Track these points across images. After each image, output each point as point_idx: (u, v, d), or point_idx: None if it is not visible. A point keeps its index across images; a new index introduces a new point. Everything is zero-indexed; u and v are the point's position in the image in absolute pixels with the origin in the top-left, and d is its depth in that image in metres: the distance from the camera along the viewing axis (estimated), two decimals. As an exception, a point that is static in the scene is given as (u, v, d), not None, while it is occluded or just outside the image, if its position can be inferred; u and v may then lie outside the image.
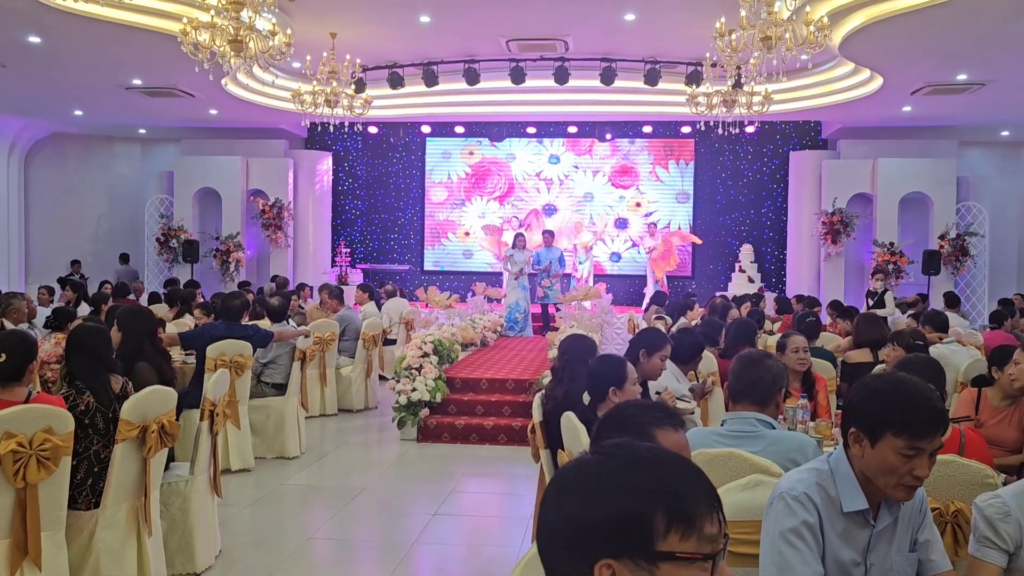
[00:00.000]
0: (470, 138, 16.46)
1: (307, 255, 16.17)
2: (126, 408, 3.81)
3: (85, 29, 9.35)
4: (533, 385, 8.06)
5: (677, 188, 16.26)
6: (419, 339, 8.53)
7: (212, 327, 6.48)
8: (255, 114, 14.37)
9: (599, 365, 3.50)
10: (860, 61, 10.84)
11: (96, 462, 3.92)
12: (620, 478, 1.05)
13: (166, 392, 4.03)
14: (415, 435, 7.81)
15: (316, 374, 8.51)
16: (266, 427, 7.03)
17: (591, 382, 3.44)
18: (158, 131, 16.52)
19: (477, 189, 16.68)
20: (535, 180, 16.54)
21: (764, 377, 2.90)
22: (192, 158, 15.89)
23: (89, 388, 3.94)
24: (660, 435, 1.66)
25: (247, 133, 15.99)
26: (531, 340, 12.16)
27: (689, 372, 4.79)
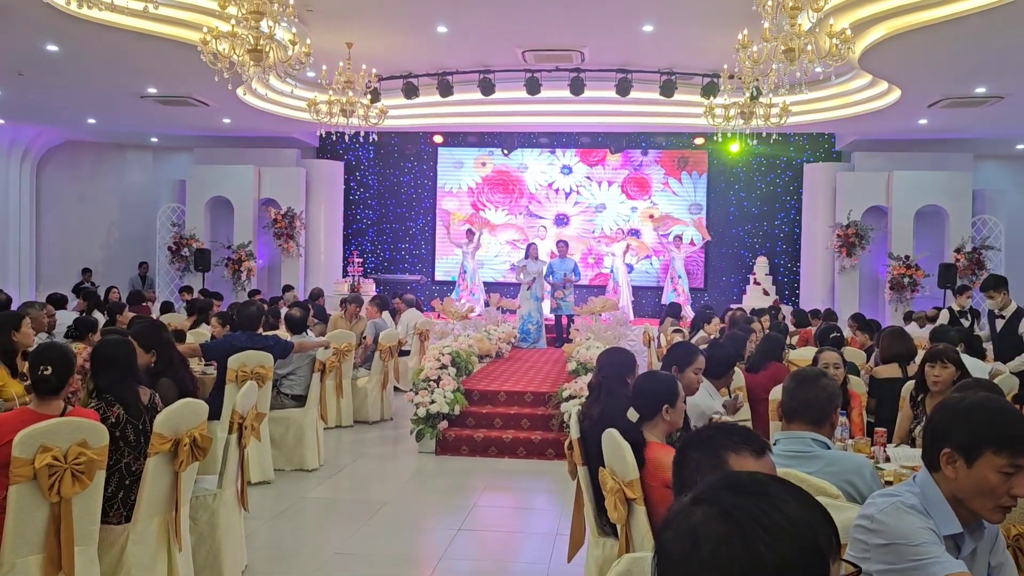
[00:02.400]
0: (482, 148, 16.46)
1: (318, 265, 16.15)
2: (159, 421, 3.78)
3: (103, 37, 9.36)
4: (552, 398, 8.01)
5: (690, 200, 16.24)
6: (436, 350, 8.49)
7: (233, 338, 6.45)
8: (268, 123, 14.39)
9: (648, 382, 3.46)
10: (879, 74, 10.82)
11: (127, 475, 3.89)
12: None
13: (198, 405, 4.00)
14: (433, 447, 7.77)
15: (332, 385, 8.47)
16: (285, 439, 6.99)
17: (639, 399, 3.41)
18: (171, 139, 16.55)
19: (489, 199, 16.65)
20: (547, 190, 16.51)
21: (820, 396, 2.86)
22: (204, 167, 15.90)
23: (119, 401, 3.91)
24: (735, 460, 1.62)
25: (259, 142, 16.01)
26: (545, 352, 12.12)
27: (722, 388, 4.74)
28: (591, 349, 8.79)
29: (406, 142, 16.55)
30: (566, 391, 7.80)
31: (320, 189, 16.16)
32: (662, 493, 3.15)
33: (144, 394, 4.04)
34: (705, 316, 9.19)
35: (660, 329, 10.93)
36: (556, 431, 7.72)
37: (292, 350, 6.83)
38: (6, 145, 15.68)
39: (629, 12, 9.82)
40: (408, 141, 16.53)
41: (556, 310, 13.03)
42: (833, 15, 8.84)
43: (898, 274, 13.92)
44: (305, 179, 15.94)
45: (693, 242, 15.74)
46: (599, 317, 10.73)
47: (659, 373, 3.55)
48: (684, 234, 15.92)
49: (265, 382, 6.18)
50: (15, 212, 15.90)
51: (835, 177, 14.93)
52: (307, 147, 16.67)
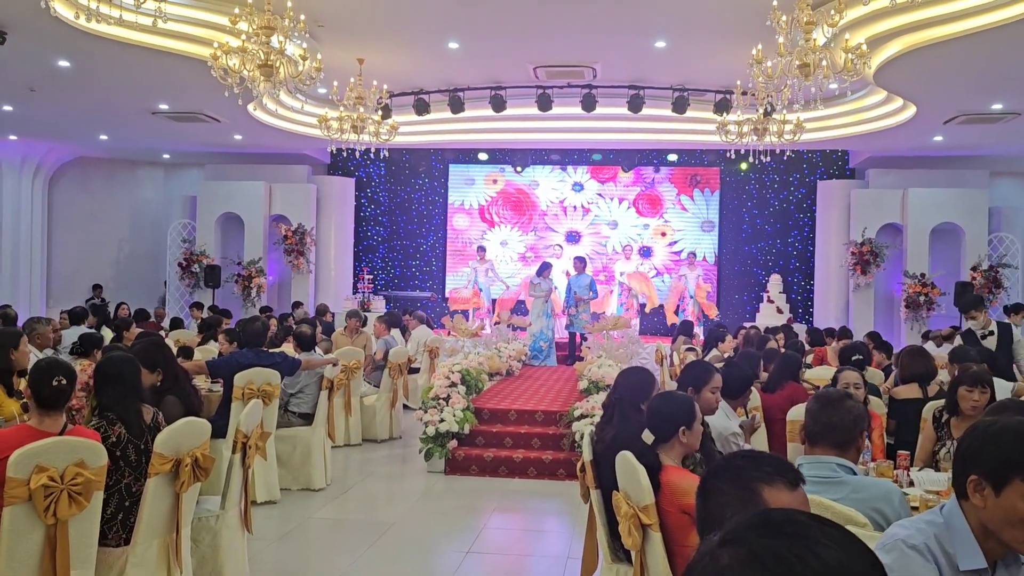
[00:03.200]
0: (493, 165, 16.41)
1: (328, 281, 16.10)
2: (159, 441, 3.68)
3: (115, 53, 9.36)
4: (563, 417, 7.89)
5: (702, 217, 16.13)
6: (446, 368, 8.39)
7: (240, 355, 6.37)
8: (279, 139, 14.38)
9: (663, 404, 3.35)
10: (895, 90, 10.71)
11: (127, 496, 3.79)
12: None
13: (200, 424, 3.90)
14: (443, 467, 7.65)
15: (340, 403, 8.36)
16: (292, 458, 6.88)
17: (654, 421, 3.30)
18: (182, 156, 16.58)
19: (500, 216, 16.58)
20: (558, 207, 16.42)
21: (844, 419, 2.74)
22: (215, 183, 15.91)
23: (121, 419, 3.82)
24: (768, 493, 1.50)
25: (270, 159, 16.01)
26: (556, 370, 11.99)
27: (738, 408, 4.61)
28: (603, 367, 8.67)
29: (417, 159, 16.53)
30: (578, 410, 7.68)
31: (331, 206, 16.13)
32: (679, 519, 3.03)
33: (147, 413, 3.96)
34: (719, 335, 9.06)
35: (672, 347, 10.79)
36: (567, 451, 7.59)
37: (300, 367, 6.73)
38: (18, 161, 15.73)
39: (642, 28, 9.76)
40: (419, 158, 16.51)
41: (569, 327, 12.92)
42: (848, 30, 8.75)
43: (914, 292, 13.75)
44: (316, 195, 15.92)
45: (706, 259, 15.59)
46: (610, 335, 10.59)
47: (676, 394, 3.43)
48: (697, 250, 15.80)
49: (272, 400, 6.09)
50: (26, 228, 15.92)
51: (849, 194, 14.79)
52: (318, 163, 16.66)
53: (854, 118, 12.90)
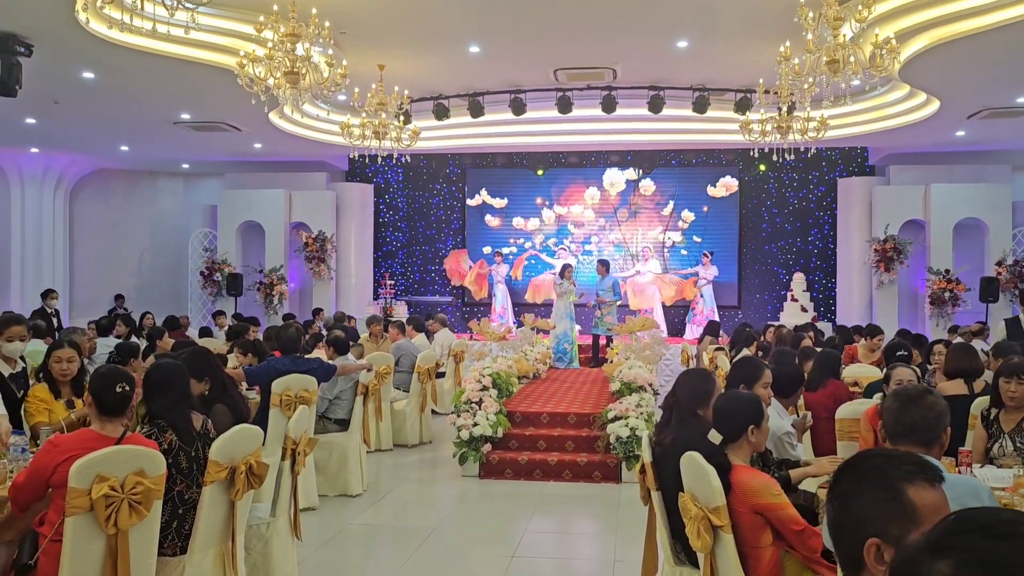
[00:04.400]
0: (512, 169, 16.37)
1: (349, 287, 16.09)
2: (214, 449, 3.66)
3: (139, 64, 9.37)
4: (597, 420, 7.84)
5: (722, 216, 16.03)
6: (477, 372, 8.35)
7: (277, 361, 6.35)
8: (299, 147, 14.39)
9: (731, 403, 3.31)
10: (919, 85, 10.61)
11: (180, 504, 3.76)
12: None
13: (253, 431, 3.88)
14: (477, 471, 7.61)
15: (371, 408, 8.33)
16: (329, 464, 6.86)
17: (722, 421, 3.26)
18: (201, 165, 16.62)
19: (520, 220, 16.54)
20: (579, 213, 16.35)
21: (927, 416, 2.68)
22: (235, 192, 15.94)
23: (172, 426, 3.79)
24: (913, 492, 1.44)
25: (290, 166, 16.03)
26: (582, 372, 11.94)
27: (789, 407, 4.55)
28: (633, 368, 8.62)
29: (435, 164, 16.51)
30: (611, 412, 7.63)
31: (350, 212, 16.13)
32: (751, 519, 2.98)
33: (196, 420, 3.93)
34: (748, 335, 8.97)
35: (699, 348, 10.73)
36: (602, 453, 7.54)
37: (335, 373, 6.71)
38: (39, 173, 15.79)
39: (663, 29, 9.71)
40: (437, 163, 16.49)
41: (594, 328, 12.86)
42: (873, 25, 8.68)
43: (938, 289, 13.62)
44: (335, 202, 15.93)
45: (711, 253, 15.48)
46: (637, 336, 10.53)
47: (742, 393, 3.39)
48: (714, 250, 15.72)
49: (309, 406, 6.06)
50: (48, 240, 15.99)
51: (870, 191, 14.69)
52: (336, 171, 16.66)
53: (875, 114, 12.80)
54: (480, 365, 8.73)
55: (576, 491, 7.20)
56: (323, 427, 6.93)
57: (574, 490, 7.23)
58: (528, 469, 7.57)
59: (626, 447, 7.29)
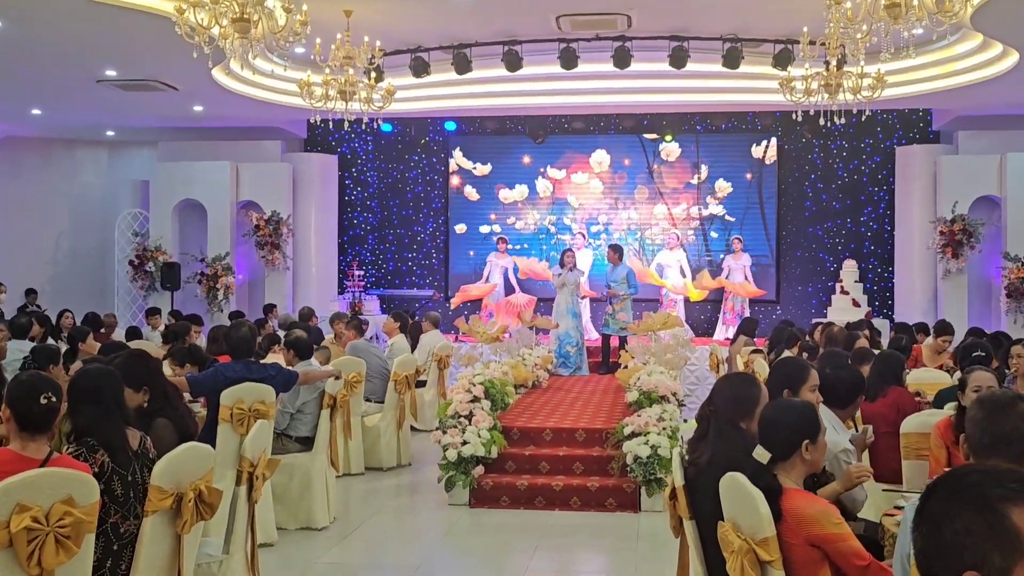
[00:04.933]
0: (506, 136, 16.37)
1: (309, 279, 16.09)
2: (157, 472, 3.65)
3: (58, 10, 9.33)
4: (610, 436, 7.86)
5: (756, 192, 16.06)
6: (466, 380, 8.36)
7: (226, 368, 6.33)
8: (248, 111, 14.38)
9: (780, 413, 3.33)
10: (994, 34, 10.65)
11: (115, 539, 3.75)
12: None
13: (202, 451, 3.88)
14: (467, 498, 7.62)
15: (339, 424, 8.31)
16: (289, 491, 6.86)
17: (769, 434, 3.27)
18: (131, 132, 16.58)
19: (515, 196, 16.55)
20: (584, 183, 16.38)
21: (1020, 427, 2.71)
22: (171, 164, 15.90)
23: (104, 445, 3.78)
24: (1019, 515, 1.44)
25: (237, 134, 16.01)
26: (590, 379, 11.96)
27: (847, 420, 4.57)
28: (653, 375, 8.64)
29: (413, 130, 16.48)
30: (628, 427, 7.64)
31: (309, 188, 16.12)
32: (806, 553, 3.00)
33: (134, 437, 3.92)
34: (789, 334, 9.00)
35: (731, 350, 10.76)
36: (617, 476, 7.56)
37: (296, 381, 6.70)
38: (-66, 143, 15.73)
39: (688, -35, 9.72)
40: (415, 129, 16.47)
41: (604, 328, 12.85)
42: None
43: (1017, 278, 13.68)
44: (292, 177, 15.91)
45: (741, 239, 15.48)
46: (658, 336, 10.56)
47: (793, 401, 3.42)
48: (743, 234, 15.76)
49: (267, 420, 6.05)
50: (-55, 223, 15.93)
51: (934, 162, 14.74)
52: (293, 138, 16.65)
53: (940, 70, 12.84)
54: (469, 372, 8.73)
55: (586, 522, 7.20)
56: (282, 446, 6.91)
57: (584, 521, 7.23)
58: (528, 496, 7.57)
59: (646, 469, 7.30)
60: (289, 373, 6.66)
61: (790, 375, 4.30)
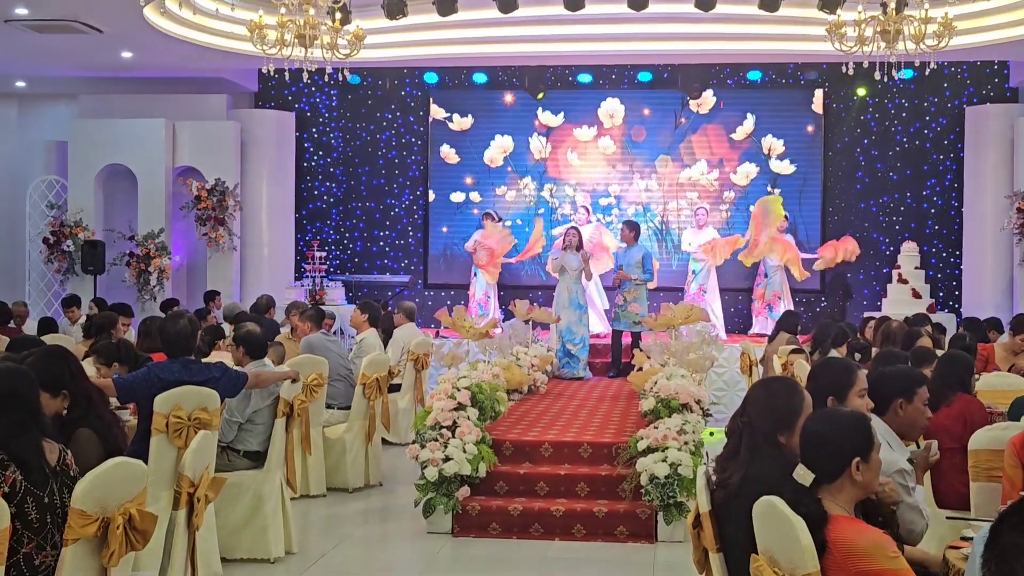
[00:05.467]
0: (496, 91, 16.37)
1: (260, 262, 16.15)
2: (79, 493, 3.66)
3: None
4: (621, 452, 7.89)
5: (797, 161, 16.10)
6: (449, 383, 8.38)
7: (161, 368, 6.34)
8: (186, 58, 14.42)
9: (825, 426, 3.35)
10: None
11: (27, 571, 3.78)
12: None
13: (133, 468, 3.89)
14: (450, 526, 7.65)
15: (297, 436, 8.33)
16: (235, 515, 6.87)
17: (813, 451, 3.29)
18: (45, 83, 16.58)
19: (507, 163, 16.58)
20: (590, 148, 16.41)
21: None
22: (94, 122, 15.90)
23: (15, 460, 3.80)
24: None
25: (173, 86, 16.05)
26: (597, 384, 12.00)
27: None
28: (673, 378, 8.67)
29: (386, 83, 16.46)
30: (642, 441, 7.67)
31: (261, 152, 16.14)
32: (854, 591, 3.03)
33: (51, 451, 3.94)
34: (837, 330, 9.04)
35: (767, 349, 10.81)
36: (630, 500, 7.59)
37: (246, 384, 6.72)
38: None
39: None
40: (389, 81, 16.44)
41: (614, 323, 12.85)
42: None
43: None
44: (239, 138, 15.91)
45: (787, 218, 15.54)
46: (679, 332, 10.59)
47: (842, 411, 3.43)
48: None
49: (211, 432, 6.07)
50: None
51: (1012, 126, 14.82)
52: (241, 92, 16.68)
53: (1017, 15, 12.85)
54: (453, 374, 8.74)
55: (593, 555, 7.23)
56: (228, 462, 6.94)
57: (590, 553, 7.26)
58: (523, 523, 7.60)
59: (664, 492, 7.33)
60: (237, 375, 6.67)
61: (835, 379, 4.31)
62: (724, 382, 13.09)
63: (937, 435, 5.36)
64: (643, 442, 7.66)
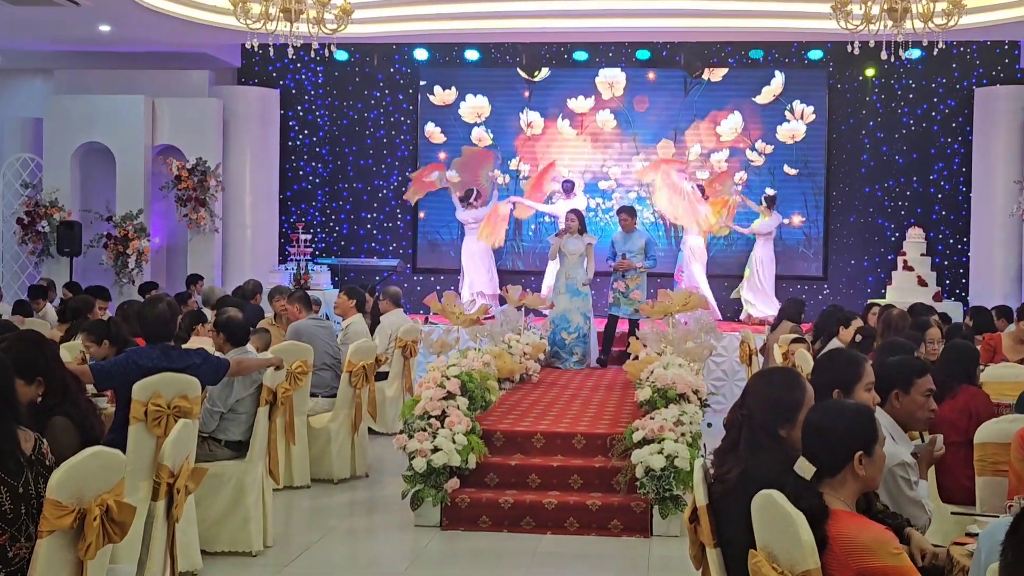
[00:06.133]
0: (490, 68, 16.35)
1: (243, 245, 16.15)
2: (55, 483, 3.66)
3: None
4: (616, 444, 7.90)
5: (799, 143, 16.10)
6: (438, 371, 8.38)
7: (139, 354, 6.34)
8: (167, 32, 14.37)
9: (828, 418, 3.35)
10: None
11: (2, 564, 3.77)
12: None
13: (111, 457, 3.89)
14: (438, 519, 7.65)
15: (280, 425, 8.33)
16: (216, 507, 6.88)
17: (815, 444, 3.30)
18: (19, 58, 16.52)
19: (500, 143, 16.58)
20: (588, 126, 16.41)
21: None
22: (71, 98, 15.86)
23: (-11, 449, 3.80)
24: None
25: (153, 61, 16.02)
26: (591, 373, 11.99)
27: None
28: (670, 368, 8.68)
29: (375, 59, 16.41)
30: (638, 432, 7.68)
31: (244, 131, 16.13)
32: (855, 590, 3.04)
33: (26, 440, 3.93)
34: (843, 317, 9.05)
35: (768, 338, 10.82)
36: (624, 493, 7.61)
37: (227, 371, 6.72)
38: None
39: None
40: (378, 58, 16.40)
41: (612, 308, 12.76)
42: None
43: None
44: (222, 116, 15.89)
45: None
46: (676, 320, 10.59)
47: (846, 403, 3.44)
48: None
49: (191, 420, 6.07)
50: None
51: (1023, 108, 14.82)
52: (224, 68, 16.64)
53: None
54: (442, 361, 8.74)
55: (586, 548, 7.24)
56: (209, 452, 6.94)
57: (582, 547, 7.27)
58: (514, 516, 7.60)
59: (660, 484, 7.34)
60: (218, 361, 6.67)
61: (843, 370, 4.30)
62: (723, 371, 13.11)
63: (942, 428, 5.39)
64: (639, 433, 7.66)
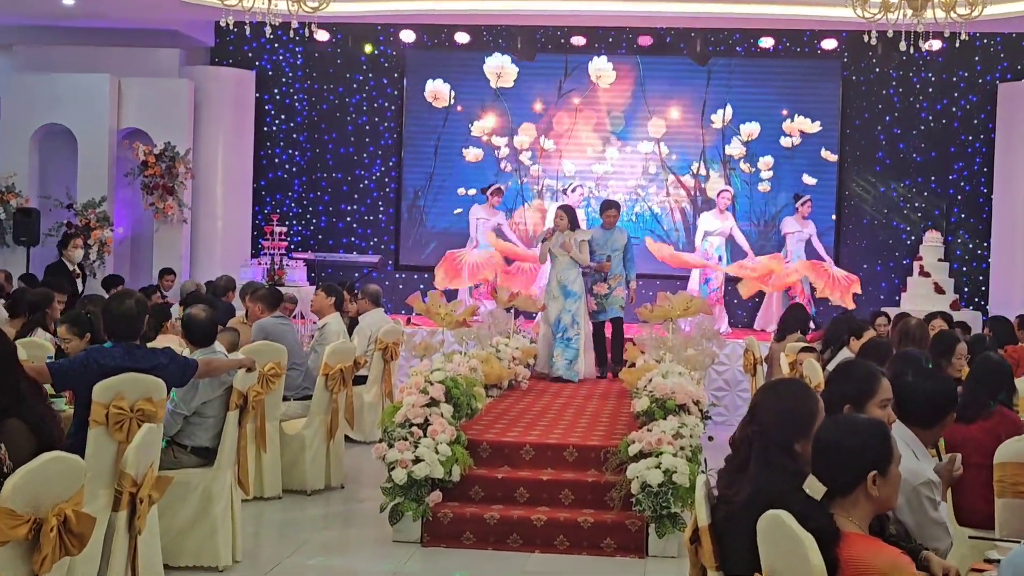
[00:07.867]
0: (480, 52, 16.35)
1: (212, 236, 16.15)
2: (8, 491, 3.67)
3: None
4: (611, 457, 7.90)
5: (811, 138, 16.12)
6: (421, 376, 8.37)
7: (101, 353, 6.31)
8: (135, 7, 14.35)
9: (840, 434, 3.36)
10: None
11: (-48, 578, 3.77)
12: None
13: (70, 463, 3.90)
14: (419, 535, 7.66)
15: (251, 431, 8.32)
16: (180, 516, 6.87)
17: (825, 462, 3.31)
18: (-25, 32, 16.44)
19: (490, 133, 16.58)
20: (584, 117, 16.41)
21: None
22: (30, 77, 15.84)
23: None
24: None
25: (120, 37, 16.00)
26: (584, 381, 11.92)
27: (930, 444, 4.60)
28: (669, 376, 8.68)
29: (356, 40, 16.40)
30: (634, 445, 7.68)
31: (217, 115, 16.13)
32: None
33: (-23, 445, 3.94)
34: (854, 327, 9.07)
35: (773, 347, 10.82)
36: (618, 510, 7.62)
37: (195, 373, 6.70)
38: None
39: None
40: (359, 38, 16.39)
41: (597, 314, 12.62)
42: None
43: None
44: (193, 98, 15.88)
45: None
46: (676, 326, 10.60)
47: (859, 419, 3.43)
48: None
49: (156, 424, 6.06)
50: None
51: (1050, 104, 14.87)
52: (196, 47, 16.62)
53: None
54: (426, 366, 8.74)
55: (576, 568, 7.26)
56: (174, 459, 6.94)
57: (573, 567, 7.28)
58: (500, 532, 7.61)
59: (657, 501, 7.34)
60: (186, 362, 6.66)
61: (858, 384, 4.29)
62: (724, 381, 13.12)
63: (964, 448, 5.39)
64: (635, 446, 7.66)
